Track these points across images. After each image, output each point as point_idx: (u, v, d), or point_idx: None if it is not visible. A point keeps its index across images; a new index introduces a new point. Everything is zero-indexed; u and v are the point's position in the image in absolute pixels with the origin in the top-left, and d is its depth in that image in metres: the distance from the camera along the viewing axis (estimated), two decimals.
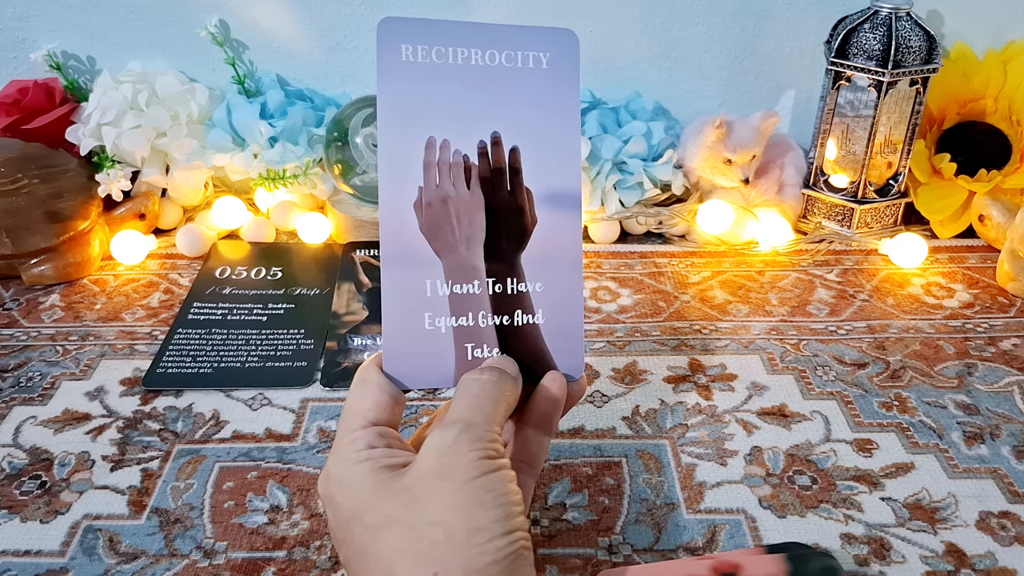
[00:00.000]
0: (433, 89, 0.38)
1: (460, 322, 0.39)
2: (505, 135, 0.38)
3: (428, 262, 0.38)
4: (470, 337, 0.39)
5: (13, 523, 0.50)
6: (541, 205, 0.39)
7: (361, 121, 0.79)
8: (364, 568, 0.34)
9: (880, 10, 0.75)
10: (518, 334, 0.39)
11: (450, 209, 0.38)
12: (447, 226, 0.38)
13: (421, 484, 0.34)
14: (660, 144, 0.84)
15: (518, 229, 0.39)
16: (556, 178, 0.39)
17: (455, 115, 0.38)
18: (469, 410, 0.37)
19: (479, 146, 0.38)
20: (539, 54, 0.39)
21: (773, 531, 0.50)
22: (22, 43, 0.86)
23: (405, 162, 0.38)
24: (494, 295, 0.39)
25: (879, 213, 0.83)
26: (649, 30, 0.87)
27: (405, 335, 0.39)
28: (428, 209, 0.38)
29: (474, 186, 0.38)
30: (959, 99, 0.84)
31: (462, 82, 0.38)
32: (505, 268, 0.39)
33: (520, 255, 0.39)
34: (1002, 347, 0.67)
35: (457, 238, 0.39)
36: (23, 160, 0.75)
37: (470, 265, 0.38)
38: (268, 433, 0.57)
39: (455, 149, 0.38)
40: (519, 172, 0.39)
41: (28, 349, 0.66)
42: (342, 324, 0.69)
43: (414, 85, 0.38)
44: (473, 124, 0.38)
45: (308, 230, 0.81)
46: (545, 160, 0.39)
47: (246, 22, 0.86)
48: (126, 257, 0.78)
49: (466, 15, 0.85)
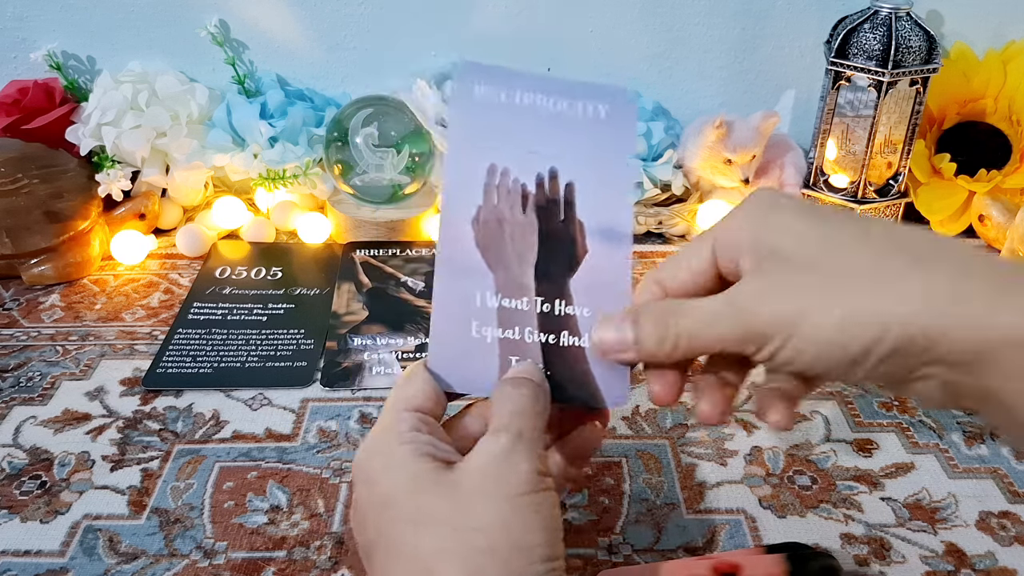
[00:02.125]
0: (499, 124, 0.41)
1: (507, 334, 0.40)
2: (562, 172, 0.41)
3: (481, 274, 0.40)
4: (515, 350, 0.40)
5: (13, 523, 0.50)
6: (592, 238, 0.41)
7: (361, 121, 0.79)
8: (392, 558, 0.34)
9: (880, 10, 0.75)
10: (563, 354, 0.40)
11: (505, 229, 0.41)
12: (501, 243, 0.41)
13: (469, 485, 0.34)
14: (660, 144, 0.84)
15: (569, 255, 0.41)
16: (608, 215, 0.41)
17: (517, 149, 0.41)
18: (520, 420, 0.36)
19: (537, 178, 0.41)
20: (598, 106, 0.42)
21: (773, 531, 0.50)
22: (22, 43, 0.86)
23: (467, 183, 0.41)
24: (542, 314, 0.40)
25: (879, 213, 0.83)
26: (649, 30, 0.87)
27: (452, 338, 0.40)
28: (484, 226, 0.41)
29: (529, 211, 0.41)
30: (959, 99, 0.84)
31: (526, 121, 0.42)
32: (554, 290, 0.41)
33: (570, 280, 0.41)
34: None
35: (509, 255, 0.41)
36: (23, 160, 0.75)
37: (520, 282, 0.41)
38: (268, 433, 0.57)
39: (514, 178, 0.41)
40: (572, 205, 0.41)
41: (28, 349, 0.66)
42: (342, 324, 0.69)
43: (482, 118, 0.41)
44: (533, 159, 0.41)
45: (308, 230, 0.81)
46: (598, 199, 0.41)
47: (246, 22, 0.86)
48: (126, 257, 0.78)
49: (462, 17, 0.85)
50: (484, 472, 0.34)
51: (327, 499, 0.52)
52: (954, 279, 0.35)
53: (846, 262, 0.37)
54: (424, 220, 0.82)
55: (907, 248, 0.36)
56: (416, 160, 0.81)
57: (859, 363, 0.36)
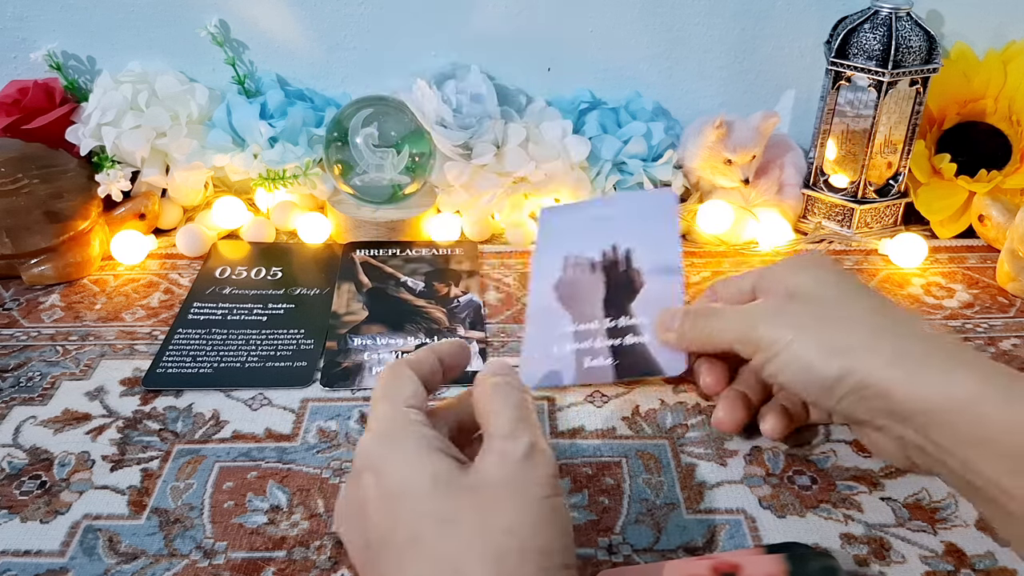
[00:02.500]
0: (571, 231, 0.66)
1: (582, 345, 0.58)
2: (621, 244, 0.63)
3: (560, 314, 0.60)
4: (588, 352, 0.58)
5: (13, 523, 0.50)
6: (649, 276, 0.60)
7: (361, 121, 0.79)
8: (410, 553, 0.34)
9: (880, 10, 0.75)
10: (627, 349, 0.57)
11: (577, 287, 0.61)
12: (574, 294, 0.61)
13: (489, 490, 0.34)
14: (660, 144, 0.84)
15: (629, 289, 0.60)
16: (661, 258, 0.61)
17: (587, 240, 0.64)
18: (529, 426, 0.37)
19: (602, 250, 0.63)
20: (643, 205, 0.67)
21: (773, 531, 0.50)
22: (22, 43, 0.86)
23: (550, 267, 0.63)
24: (610, 328, 0.58)
25: (879, 213, 0.83)
26: (649, 30, 0.87)
27: (538, 353, 0.58)
28: (562, 286, 0.62)
29: (597, 272, 0.62)
30: (959, 99, 0.84)
31: (593, 222, 0.66)
32: (619, 311, 0.59)
33: (631, 304, 0.59)
34: (1002, 347, 0.67)
35: (582, 299, 0.60)
36: (23, 160, 0.75)
37: (591, 313, 0.60)
38: (268, 433, 0.57)
39: (583, 258, 0.63)
40: (630, 260, 0.62)
41: (28, 349, 0.66)
42: (342, 324, 0.69)
43: (559, 232, 0.67)
44: (601, 241, 0.64)
45: (308, 230, 0.81)
46: (652, 250, 0.62)
47: (246, 22, 0.86)
48: (126, 257, 0.78)
49: (462, 17, 0.85)
50: (503, 478, 0.35)
51: (327, 499, 0.52)
52: (922, 348, 0.43)
53: (843, 311, 0.47)
54: (424, 220, 0.82)
55: (898, 320, 0.46)
56: (416, 160, 0.81)
57: (830, 391, 0.45)
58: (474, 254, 0.79)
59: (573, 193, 0.80)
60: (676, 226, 0.63)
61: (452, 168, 0.80)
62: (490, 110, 0.82)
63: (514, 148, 0.80)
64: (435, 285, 0.74)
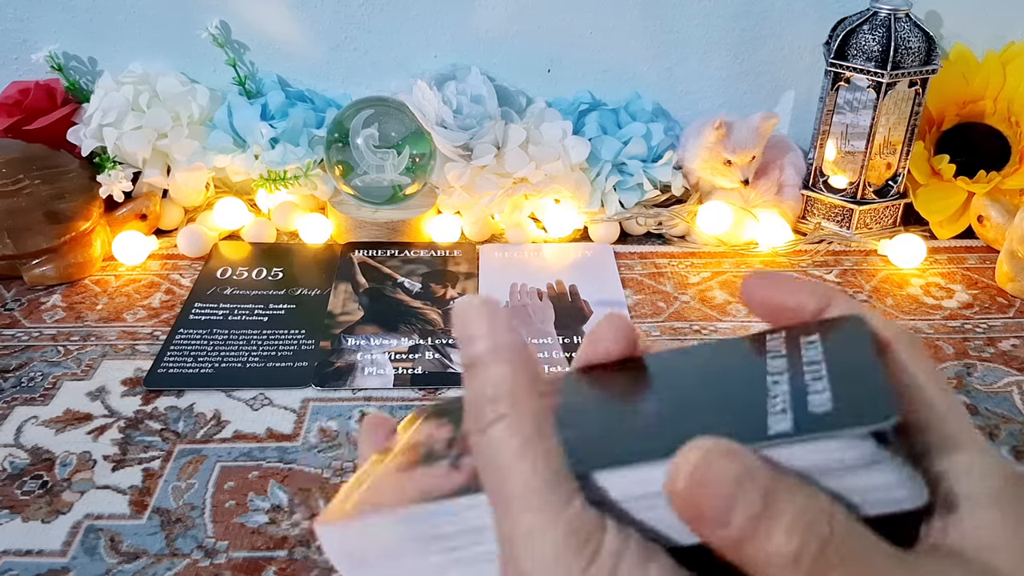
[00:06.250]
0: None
1: (540, 357, 0.64)
2: (567, 282, 0.74)
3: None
4: (545, 362, 0.64)
5: (15, 523, 0.50)
6: (596, 306, 0.71)
7: (362, 122, 0.80)
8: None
9: (879, 11, 0.76)
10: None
11: (528, 308, 0.71)
12: (525, 314, 0.70)
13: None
14: (660, 145, 0.84)
15: (578, 316, 0.69)
16: (605, 295, 0.72)
17: (530, 277, 0.75)
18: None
19: (547, 286, 0.73)
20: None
21: None
22: (23, 44, 0.86)
23: (498, 294, 0.70)
24: (563, 344, 0.66)
25: (878, 214, 0.83)
26: (649, 30, 0.87)
27: None
28: (512, 309, 0.70)
29: (545, 299, 0.71)
30: (958, 100, 0.84)
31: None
32: (571, 332, 0.67)
33: (583, 326, 0.68)
34: (1001, 347, 0.67)
35: (533, 319, 0.69)
36: (25, 161, 0.75)
37: (543, 329, 0.68)
38: (269, 433, 0.58)
39: (529, 287, 0.73)
40: (577, 295, 0.72)
41: (30, 349, 0.66)
42: (337, 324, 0.69)
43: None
44: (544, 279, 0.74)
45: (309, 231, 0.81)
46: (596, 289, 0.73)
47: (247, 23, 0.86)
48: (127, 258, 0.78)
49: (462, 17, 0.86)
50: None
51: (328, 499, 0.52)
52: None
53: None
54: (424, 221, 0.82)
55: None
56: (416, 161, 0.81)
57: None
58: (472, 256, 0.79)
59: (573, 193, 0.81)
60: (616, 271, 0.75)
61: (452, 169, 0.80)
62: (490, 111, 0.82)
63: (514, 149, 0.80)
64: (432, 286, 0.74)
